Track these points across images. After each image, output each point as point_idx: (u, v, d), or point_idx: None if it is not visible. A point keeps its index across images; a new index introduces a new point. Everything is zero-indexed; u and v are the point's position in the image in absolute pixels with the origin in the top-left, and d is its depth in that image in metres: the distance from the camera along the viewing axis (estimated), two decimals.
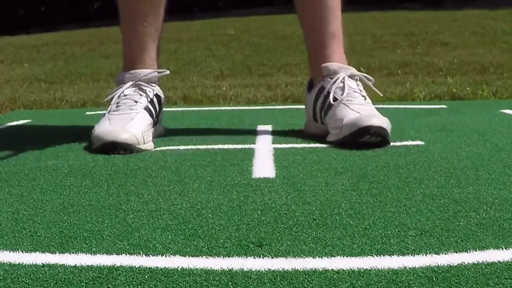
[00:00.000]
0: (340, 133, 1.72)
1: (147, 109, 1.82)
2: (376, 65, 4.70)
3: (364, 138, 1.65)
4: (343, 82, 1.82)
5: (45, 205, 1.18)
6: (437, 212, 1.08)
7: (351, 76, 1.84)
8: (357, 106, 1.75)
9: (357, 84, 1.84)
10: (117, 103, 1.82)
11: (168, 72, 1.90)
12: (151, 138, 1.78)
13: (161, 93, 1.89)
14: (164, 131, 1.93)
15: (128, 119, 1.75)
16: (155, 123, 1.85)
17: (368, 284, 0.79)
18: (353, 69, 1.87)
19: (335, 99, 1.80)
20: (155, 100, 1.86)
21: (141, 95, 1.83)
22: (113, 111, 1.80)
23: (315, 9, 1.90)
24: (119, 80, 1.89)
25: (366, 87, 1.86)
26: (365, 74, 1.88)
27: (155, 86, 1.88)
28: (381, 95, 1.95)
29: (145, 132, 1.75)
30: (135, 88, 1.84)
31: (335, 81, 1.82)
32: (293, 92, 3.29)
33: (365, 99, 1.80)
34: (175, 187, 1.31)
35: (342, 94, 1.79)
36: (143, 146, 1.72)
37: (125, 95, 1.83)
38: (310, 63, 1.96)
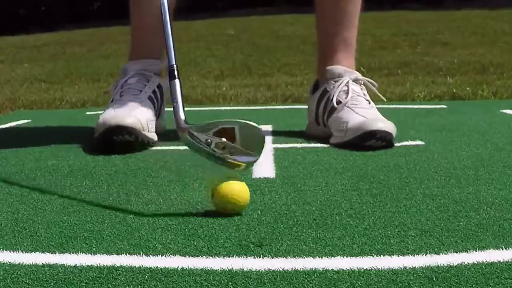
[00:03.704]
0: (344, 136, 1.71)
1: (150, 99, 1.81)
2: (376, 65, 4.69)
3: (369, 142, 1.65)
4: (347, 86, 1.81)
5: (45, 205, 1.18)
6: (437, 212, 1.08)
7: (355, 81, 1.83)
8: (362, 110, 1.75)
9: (361, 89, 1.83)
10: (121, 92, 1.81)
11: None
12: (154, 129, 1.77)
13: (163, 84, 1.87)
14: (165, 127, 1.92)
15: (133, 107, 1.74)
16: (157, 115, 1.84)
17: (368, 284, 0.79)
18: (358, 73, 1.86)
19: (338, 102, 1.79)
20: (157, 90, 1.85)
21: (145, 84, 1.82)
22: (117, 100, 1.79)
23: (333, 13, 1.89)
24: (123, 70, 1.89)
25: (369, 92, 1.85)
26: (369, 79, 1.87)
27: (158, 77, 1.87)
28: (385, 100, 1.94)
29: (150, 121, 1.74)
30: (138, 77, 1.83)
31: (339, 85, 1.81)
32: (293, 92, 3.28)
33: (369, 103, 1.80)
34: (175, 187, 1.31)
35: (346, 98, 1.78)
36: (148, 134, 1.70)
37: (128, 84, 1.82)
38: (318, 65, 1.95)
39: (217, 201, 1.09)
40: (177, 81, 1.23)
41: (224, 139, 1.11)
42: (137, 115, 1.69)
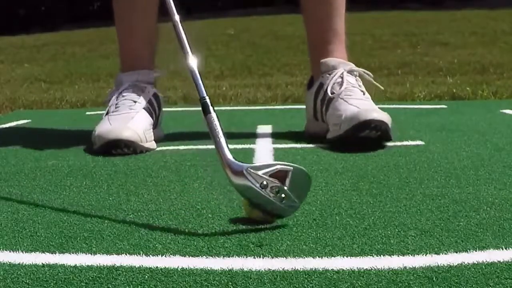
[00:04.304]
0: (339, 129, 1.69)
1: (146, 109, 1.81)
2: (376, 65, 4.69)
3: (364, 133, 1.63)
4: (342, 77, 1.79)
5: (45, 205, 1.18)
6: (437, 212, 1.08)
7: (350, 72, 1.82)
8: (356, 100, 1.73)
9: (356, 80, 1.82)
10: (116, 104, 1.81)
11: (165, 72, 1.90)
12: (152, 138, 1.77)
13: (159, 94, 1.88)
14: (163, 136, 1.91)
15: (129, 118, 1.74)
16: (155, 125, 1.84)
17: (368, 284, 0.79)
18: (353, 64, 1.84)
19: (332, 93, 1.78)
20: (153, 100, 1.85)
21: (139, 95, 1.82)
22: (112, 112, 1.79)
23: (318, 6, 1.89)
24: (117, 82, 1.89)
25: (367, 83, 1.84)
26: (364, 70, 1.86)
27: (153, 87, 1.87)
28: (382, 88, 1.93)
29: (147, 131, 1.74)
30: (133, 89, 1.83)
31: (333, 76, 1.80)
32: (293, 92, 3.28)
33: (364, 94, 1.78)
34: (175, 187, 1.31)
35: (340, 89, 1.77)
36: (146, 144, 1.71)
37: (123, 96, 1.82)
38: (311, 60, 1.94)
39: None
40: (213, 114, 1.07)
41: (278, 182, 1.00)
42: (134, 127, 1.69)
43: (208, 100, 1.10)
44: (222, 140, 1.05)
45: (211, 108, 1.09)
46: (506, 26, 7.05)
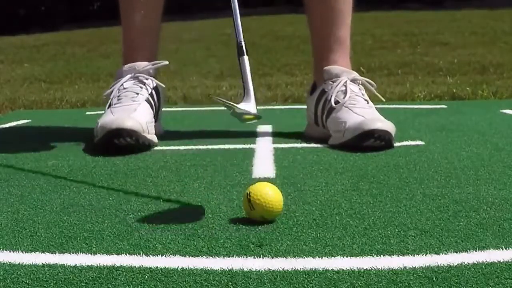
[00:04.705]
0: (343, 137, 1.70)
1: (148, 101, 1.80)
2: (376, 65, 4.69)
3: (368, 142, 1.64)
4: (345, 86, 1.80)
5: (45, 205, 1.18)
6: (437, 212, 1.08)
7: (353, 81, 1.83)
8: (361, 109, 1.74)
9: (359, 88, 1.82)
10: (118, 95, 1.80)
11: (166, 62, 1.89)
12: (154, 131, 1.77)
13: (160, 85, 1.87)
14: (163, 132, 1.91)
15: (131, 110, 1.73)
16: (155, 118, 1.83)
17: (368, 284, 0.79)
18: (356, 73, 1.85)
19: (337, 102, 1.78)
20: (154, 93, 1.84)
21: (141, 87, 1.81)
22: (115, 104, 1.78)
23: (324, 12, 1.88)
24: (117, 74, 1.89)
25: (367, 92, 1.84)
26: (367, 79, 1.86)
27: (154, 79, 1.86)
28: (383, 100, 1.93)
29: (149, 123, 1.74)
30: (134, 81, 1.82)
31: (337, 85, 1.80)
32: (293, 92, 3.28)
33: (367, 103, 1.79)
34: (175, 187, 1.31)
35: (344, 98, 1.77)
36: (148, 136, 1.70)
37: (125, 88, 1.81)
38: (314, 66, 1.94)
39: (258, 212, 1.04)
40: (246, 57, 1.28)
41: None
42: (137, 118, 1.69)
43: (243, 44, 1.30)
44: (249, 79, 1.26)
45: (245, 51, 1.29)
46: (506, 26, 7.05)
